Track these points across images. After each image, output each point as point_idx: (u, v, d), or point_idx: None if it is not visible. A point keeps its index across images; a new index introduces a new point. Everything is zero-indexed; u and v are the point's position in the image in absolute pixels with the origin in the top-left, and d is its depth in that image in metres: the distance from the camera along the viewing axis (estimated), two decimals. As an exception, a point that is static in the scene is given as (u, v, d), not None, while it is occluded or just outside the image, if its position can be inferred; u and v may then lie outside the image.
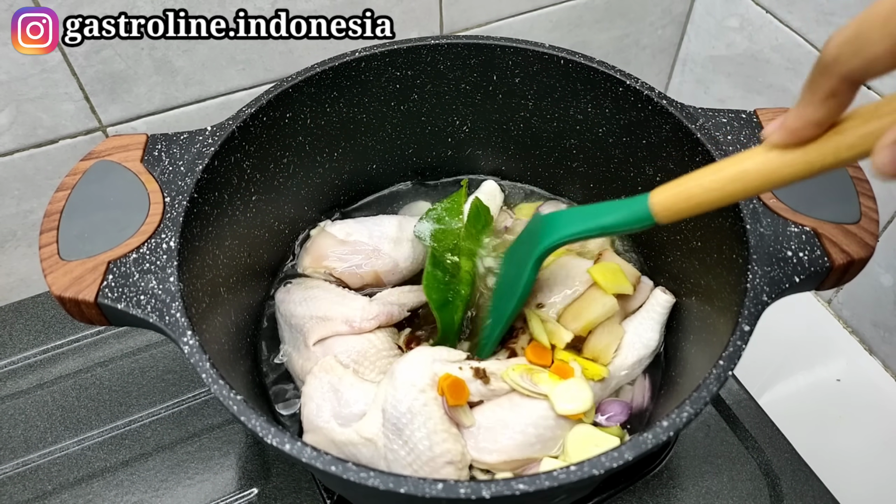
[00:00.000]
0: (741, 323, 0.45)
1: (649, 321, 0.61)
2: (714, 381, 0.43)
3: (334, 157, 0.68)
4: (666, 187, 0.44)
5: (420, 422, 0.50)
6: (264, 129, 0.58)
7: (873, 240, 0.50)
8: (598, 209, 0.49)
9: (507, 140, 0.71)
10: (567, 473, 0.39)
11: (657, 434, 0.41)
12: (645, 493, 0.64)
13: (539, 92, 0.65)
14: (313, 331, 0.59)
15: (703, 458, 0.66)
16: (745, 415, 0.68)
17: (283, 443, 0.41)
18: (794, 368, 0.82)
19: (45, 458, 0.67)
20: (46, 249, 0.49)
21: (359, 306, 0.59)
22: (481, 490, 0.38)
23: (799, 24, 0.80)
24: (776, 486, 0.64)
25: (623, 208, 0.47)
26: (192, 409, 0.70)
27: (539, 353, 0.57)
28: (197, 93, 0.74)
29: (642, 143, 0.61)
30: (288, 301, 0.62)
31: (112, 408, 0.70)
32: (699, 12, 0.94)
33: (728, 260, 0.52)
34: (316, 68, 0.60)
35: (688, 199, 0.43)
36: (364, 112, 0.66)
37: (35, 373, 0.73)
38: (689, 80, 1.02)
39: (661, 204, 0.44)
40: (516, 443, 0.52)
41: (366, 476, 0.39)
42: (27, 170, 0.72)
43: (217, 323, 0.53)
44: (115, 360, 0.73)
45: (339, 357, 0.57)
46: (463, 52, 0.64)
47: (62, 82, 0.67)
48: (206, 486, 0.64)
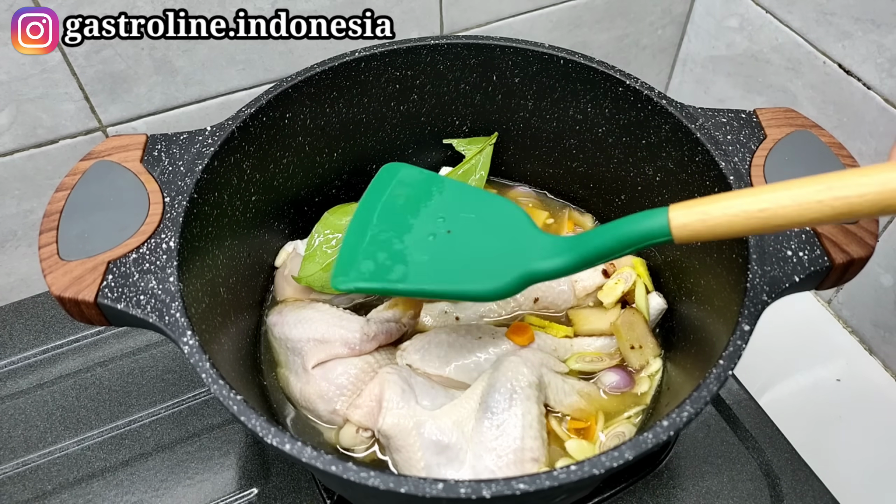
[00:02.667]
0: (741, 322, 0.45)
1: None
2: (714, 381, 0.43)
3: (334, 157, 0.68)
4: (688, 206, 0.40)
5: (518, 412, 0.52)
6: (264, 129, 0.58)
7: (873, 239, 0.50)
8: (608, 229, 0.44)
9: (507, 140, 0.71)
10: (567, 473, 0.39)
11: (657, 434, 0.41)
12: (645, 493, 0.64)
13: (539, 92, 0.65)
14: (311, 354, 0.58)
15: (704, 458, 0.66)
16: (745, 415, 0.68)
17: (283, 442, 0.41)
18: (794, 368, 0.82)
19: (44, 458, 0.67)
20: (46, 249, 0.49)
21: (357, 327, 0.58)
22: (481, 490, 0.38)
23: (799, 24, 0.80)
24: (776, 486, 0.64)
25: (640, 226, 0.42)
26: (192, 408, 0.69)
27: (519, 331, 0.60)
28: (197, 93, 0.74)
29: (642, 143, 0.61)
30: (282, 324, 0.61)
31: (112, 408, 0.70)
32: (699, 12, 0.94)
33: (728, 259, 0.52)
34: (316, 68, 0.60)
35: (716, 226, 0.39)
36: (364, 112, 0.66)
37: (35, 373, 0.73)
38: (688, 80, 1.02)
39: (684, 225, 0.40)
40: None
41: (366, 476, 0.39)
42: (27, 170, 0.72)
43: (217, 323, 0.53)
44: (114, 360, 0.73)
45: (340, 380, 0.57)
46: (463, 53, 0.64)
47: (62, 82, 0.67)
48: (205, 485, 0.64)
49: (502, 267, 0.48)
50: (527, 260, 0.47)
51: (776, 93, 0.87)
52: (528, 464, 0.51)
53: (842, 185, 0.36)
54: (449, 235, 0.51)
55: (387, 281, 0.49)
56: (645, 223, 0.42)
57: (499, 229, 0.50)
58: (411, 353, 0.59)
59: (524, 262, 0.47)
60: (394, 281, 0.49)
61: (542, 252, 0.47)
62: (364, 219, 0.53)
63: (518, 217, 0.50)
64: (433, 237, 0.51)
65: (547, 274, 0.47)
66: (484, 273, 0.48)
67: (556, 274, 0.46)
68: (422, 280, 0.49)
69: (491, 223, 0.51)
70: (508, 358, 0.55)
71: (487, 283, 0.47)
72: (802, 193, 0.37)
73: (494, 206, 0.52)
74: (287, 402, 0.60)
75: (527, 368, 0.54)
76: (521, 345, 0.58)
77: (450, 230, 0.51)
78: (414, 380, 0.56)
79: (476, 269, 0.48)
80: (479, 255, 0.49)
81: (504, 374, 0.54)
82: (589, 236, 0.45)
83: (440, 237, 0.51)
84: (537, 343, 0.59)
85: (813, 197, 0.37)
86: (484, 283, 0.47)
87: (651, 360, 0.61)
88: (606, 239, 0.44)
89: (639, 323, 0.60)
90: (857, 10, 0.72)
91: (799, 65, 0.82)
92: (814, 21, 0.78)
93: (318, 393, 0.57)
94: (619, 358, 0.61)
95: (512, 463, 0.50)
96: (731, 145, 0.55)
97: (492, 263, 0.48)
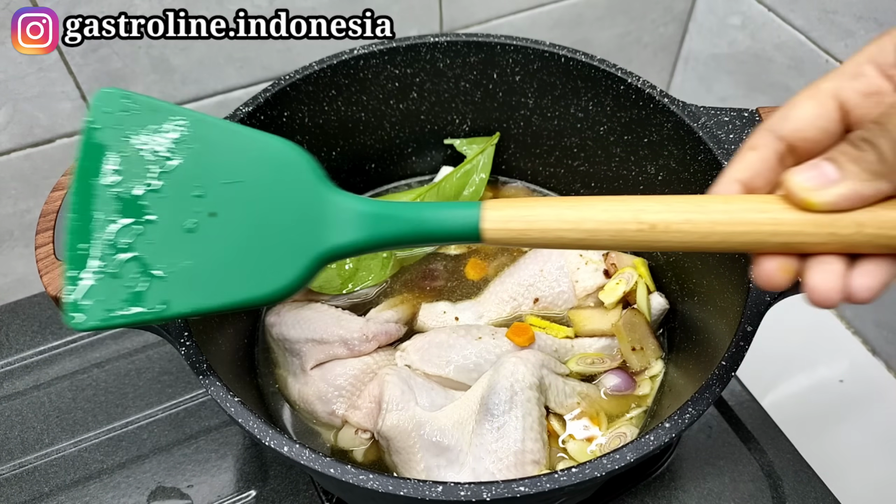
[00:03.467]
0: (744, 323, 0.45)
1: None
2: (717, 383, 0.43)
3: (332, 156, 0.67)
4: (504, 204, 0.37)
5: (518, 414, 0.51)
6: (262, 127, 0.57)
7: (877, 239, 0.49)
8: (418, 209, 0.38)
9: (508, 139, 0.71)
10: (568, 475, 0.39)
11: (659, 435, 0.40)
12: (647, 495, 0.63)
13: (539, 90, 0.65)
14: (310, 355, 0.57)
15: (706, 459, 0.65)
16: (748, 416, 0.68)
17: (281, 445, 0.40)
18: (796, 369, 0.82)
19: (41, 460, 0.66)
20: (43, 249, 0.48)
21: (356, 328, 0.58)
22: (482, 492, 0.38)
23: (801, 22, 0.79)
24: (778, 488, 0.63)
25: (450, 215, 0.37)
26: (189, 410, 0.69)
27: (520, 331, 0.59)
28: (194, 91, 0.74)
29: (644, 142, 0.61)
30: (280, 324, 0.60)
31: (109, 409, 0.69)
32: (701, 10, 0.94)
33: (731, 259, 0.51)
34: (314, 67, 0.60)
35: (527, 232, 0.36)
36: (363, 111, 0.65)
37: (31, 374, 0.72)
38: (690, 78, 1.01)
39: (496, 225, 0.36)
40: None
41: (365, 478, 0.38)
42: (24, 169, 0.71)
43: (214, 324, 0.53)
44: (111, 361, 0.73)
45: (338, 381, 0.56)
46: (463, 50, 0.63)
47: (59, 81, 0.67)
48: (203, 488, 0.64)
49: (291, 250, 0.38)
50: (321, 233, 0.38)
51: (779, 91, 0.86)
52: (528, 466, 0.51)
53: (652, 210, 0.34)
54: (214, 220, 0.38)
55: (144, 308, 0.38)
56: (454, 215, 0.37)
57: (279, 194, 0.39)
58: (411, 354, 0.58)
59: (318, 238, 0.38)
60: (153, 307, 0.38)
61: (338, 220, 0.38)
62: (82, 214, 0.38)
63: (301, 170, 0.39)
64: (192, 228, 0.38)
65: (348, 251, 0.38)
66: (269, 265, 0.38)
67: (359, 251, 0.39)
68: (190, 297, 0.38)
69: (267, 187, 0.39)
70: (508, 359, 0.55)
71: (276, 279, 0.38)
72: (616, 213, 0.34)
73: (268, 159, 0.39)
74: (285, 403, 0.60)
75: (527, 369, 0.54)
76: (522, 345, 0.58)
77: (214, 212, 0.38)
78: (413, 381, 0.55)
79: (259, 262, 0.38)
80: (259, 240, 0.38)
81: (504, 376, 0.53)
82: (394, 212, 0.38)
83: (203, 226, 0.38)
84: (537, 344, 0.59)
85: (625, 217, 0.34)
86: (271, 279, 0.38)
87: (653, 361, 0.60)
88: (412, 223, 0.37)
89: (640, 324, 0.60)
90: (860, 8, 0.72)
91: (801, 63, 0.81)
92: (816, 19, 0.77)
93: (316, 394, 0.57)
94: (620, 359, 0.60)
95: (512, 465, 0.50)
96: (733, 144, 0.55)
97: (277, 248, 0.38)
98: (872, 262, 0.32)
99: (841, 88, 0.33)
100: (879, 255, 0.32)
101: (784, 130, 0.34)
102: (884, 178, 0.30)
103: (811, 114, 0.34)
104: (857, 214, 0.31)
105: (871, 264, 0.32)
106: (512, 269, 0.64)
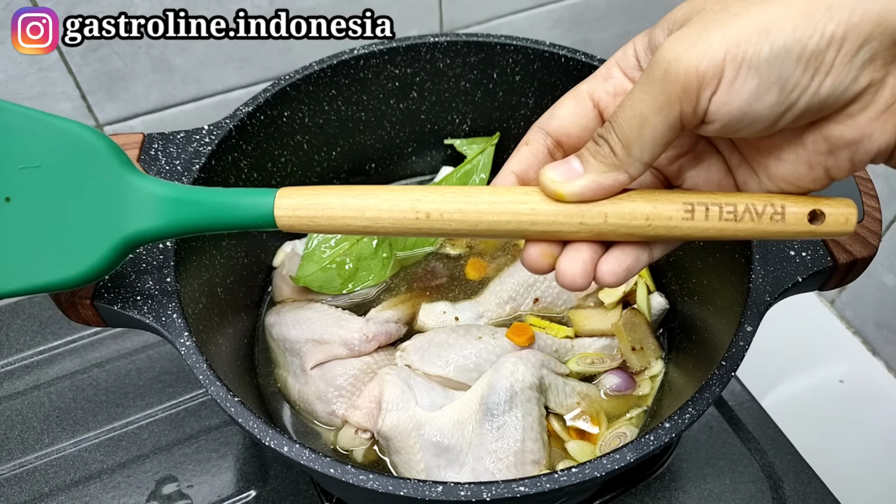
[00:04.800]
0: (744, 323, 0.45)
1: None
2: (717, 382, 0.43)
3: (332, 156, 0.67)
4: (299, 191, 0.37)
5: (518, 414, 0.52)
6: (262, 127, 0.58)
7: (876, 239, 0.49)
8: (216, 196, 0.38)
9: (508, 139, 0.71)
10: (568, 475, 0.39)
11: (659, 436, 0.40)
12: (647, 496, 0.63)
13: (540, 90, 0.65)
14: (310, 355, 0.57)
15: (706, 459, 0.65)
16: (748, 416, 0.68)
17: (281, 445, 0.40)
18: (796, 369, 0.82)
19: (41, 460, 0.66)
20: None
21: (357, 328, 0.58)
22: (482, 492, 0.38)
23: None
24: (778, 488, 0.63)
25: (246, 201, 0.37)
26: (189, 410, 0.69)
27: (519, 331, 0.59)
28: (194, 91, 0.74)
29: (644, 142, 0.61)
30: (280, 324, 0.60)
31: (109, 409, 0.69)
32: (700, 11, 0.94)
33: (731, 259, 0.51)
34: (314, 66, 0.60)
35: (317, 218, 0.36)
36: (363, 110, 0.65)
37: (32, 374, 0.72)
38: (690, 79, 1.01)
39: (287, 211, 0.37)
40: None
41: (365, 478, 0.38)
42: (24, 169, 0.71)
43: (214, 324, 0.53)
44: (111, 361, 0.73)
45: (338, 381, 0.56)
46: (463, 50, 0.63)
47: (59, 81, 0.67)
48: (203, 488, 0.64)
49: (92, 234, 0.39)
50: (123, 218, 0.39)
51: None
52: (528, 466, 0.51)
53: (428, 200, 0.35)
54: (7, 205, 0.39)
55: None
56: (250, 202, 0.37)
57: (79, 179, 0.39)
58: (410, 354, 0.58)
59: (120, 223, 0.39)
60: None
61: (140, 204, 0.39)
62: None
63: (102, 155, 0.39)
64: None
65: (151, 236, 0.39)
66: (70, 250, 0.39)
67: (164, 236, 0.39)
68: None
69: (66, 173, 0.39)
70: (508, 359, 0.55)
71: (76, 265, 0.38)
72: (396, 203, 0.35)
73: (66, 145, 0.39)
74: (285, 403, 0.60)
75: (527, 369, 0.54)
76: (521, 345, 0.58)
77: (8, 196, 0.39)
78: (413, 380, 0.55)
79: (58, 247, 0.39)
80: (58, 225, 0.39)
81: (504, 376, 0.53)
82: (194, 196, 0.39)
83: None
84: (537, 344, 0.59)
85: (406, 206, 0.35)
86: (71, 264, 0.38)
87: (653, 361, 0.60)
88: (211, 208, 0.38)
89: (640, 324, 0.60)
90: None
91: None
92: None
93: (316, 394, 0.57)
94: (620, 359, 0.60)
95: (512, 465, 0.50)
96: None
97: (78, 233, 0.39)
98: (619, 249, 0.35)
99: (595, 89, 0.37)
100: (627, 243, 0.35)
101: (550, 127, 0.38)
102: (619, 169, 0.33)
103: (571, 112, 0.37)
104: (603, 206, 0.34)
105: (618, 251, 0.35)
106: (512, 269, 0.64)
